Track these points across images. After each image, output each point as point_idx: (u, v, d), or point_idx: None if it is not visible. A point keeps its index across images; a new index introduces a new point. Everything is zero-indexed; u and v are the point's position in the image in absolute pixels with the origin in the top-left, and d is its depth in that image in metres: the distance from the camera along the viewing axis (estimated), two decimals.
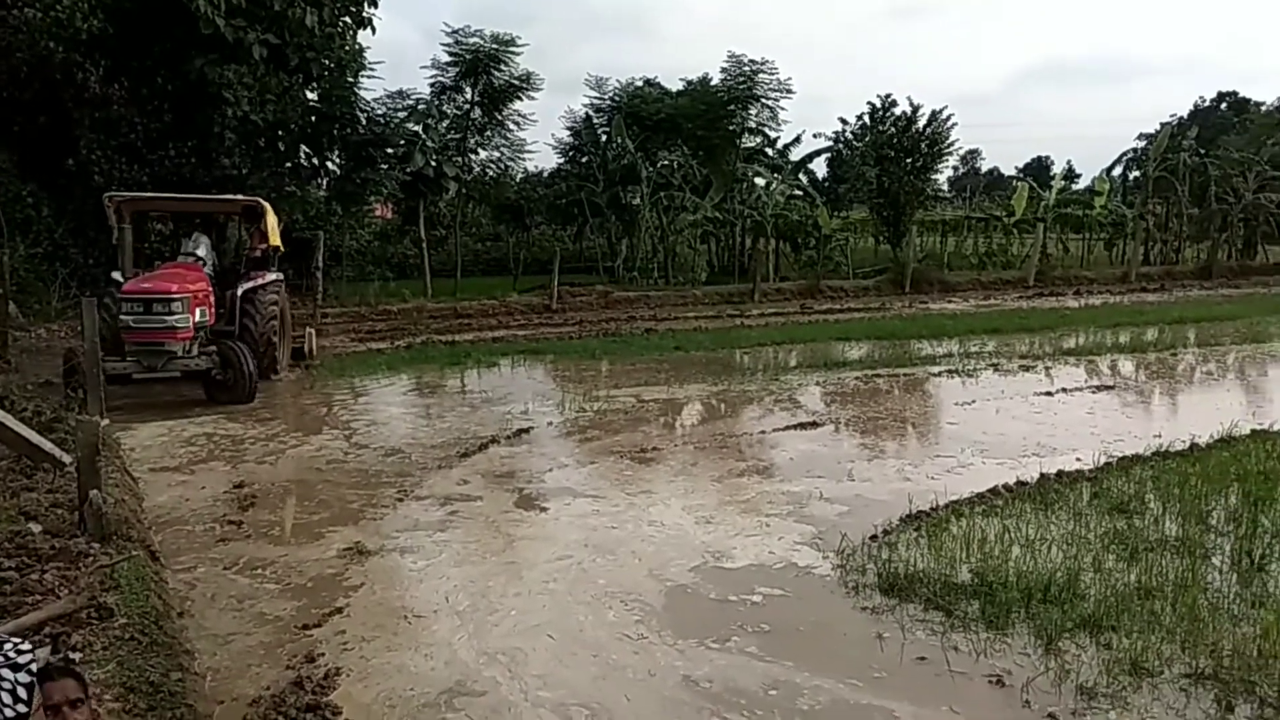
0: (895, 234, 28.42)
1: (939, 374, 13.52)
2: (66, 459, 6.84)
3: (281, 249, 13.58)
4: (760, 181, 28.09)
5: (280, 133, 20.03)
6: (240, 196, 14.03)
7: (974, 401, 11.48)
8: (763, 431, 10.08)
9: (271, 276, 12.84)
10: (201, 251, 12.42)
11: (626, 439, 9.67)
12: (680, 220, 24.88)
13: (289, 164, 20.87)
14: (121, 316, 10.83)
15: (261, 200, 13.05)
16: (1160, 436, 9.04)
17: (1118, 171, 38.41)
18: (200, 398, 11.27)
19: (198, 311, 11.33)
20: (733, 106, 26.19)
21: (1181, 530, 6.49)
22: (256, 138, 19.38)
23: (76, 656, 4.29)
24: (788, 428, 10.14)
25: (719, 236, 28.44)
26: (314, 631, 5.17)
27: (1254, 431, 9.29)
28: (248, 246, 13.15)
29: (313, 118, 20.62)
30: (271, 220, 13.02)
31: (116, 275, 11.89)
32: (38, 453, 6.88)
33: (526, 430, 9.99)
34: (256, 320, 12.16)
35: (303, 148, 21.05)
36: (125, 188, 17.40)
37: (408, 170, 21.66)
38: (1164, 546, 6.18)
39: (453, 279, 22.74)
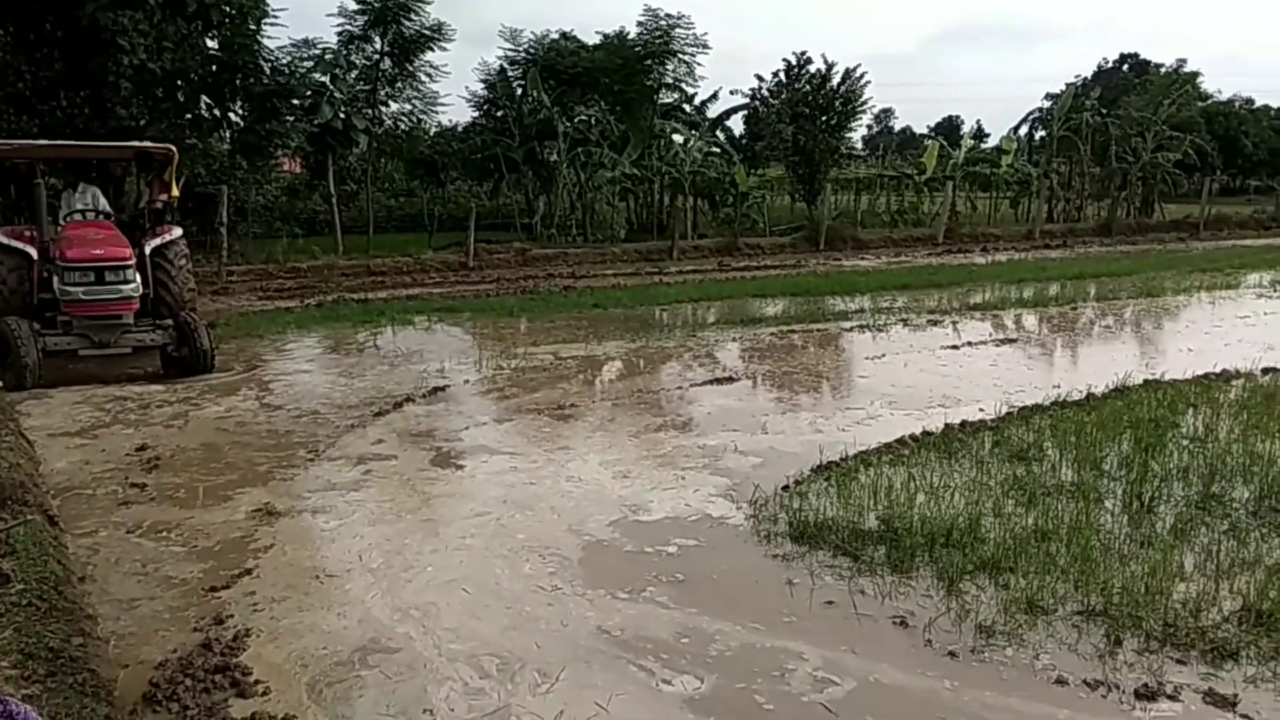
0: (810, 192, 28.77)
1: (851, 329, 13.78)
2: None
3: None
4: (678, 138, 28.04)
5: (179, 82, 19.21)
6: (148, 143, 13.02)
7: (884, 355, 11.76)
8: (680, 387, 10.17)
9: (177, 231, 11.73)
10: (99, 205, 11.45)
11: (544, 396, 9.65)
12: (598, 177, 24.72)
13: (189, 115, 20.05)
14: (68, 288, 9.95)
15: (172, 146, 12.05)
16: (1059, 387, 9.40)
17: (1024, 131, 39.52)
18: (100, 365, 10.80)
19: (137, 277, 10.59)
20: (649, 61, 26.02)
21: (1077, 475, 6.78)
22: (154, 87, 18.54)
23: None
24: (705, 383, 10.24)
25: (637, 194, 28.37)
26: (222, 594, 5.07)
27: (1146, 381, 9.71)
28: (148, 199, 11.92)
29: (213, 67, 19.81)
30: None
31: None
32: None
33: (443, 389, 9.89)
34: (172, 282, 11.17)
35: (203, 98, 20.22)
36: (14, 139, 16.52)
37: (315, 122, 21.02)
38: (1060, 491, 6.45)
39: (365, 236, 22.27)
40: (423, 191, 28.56)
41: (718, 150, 29.82)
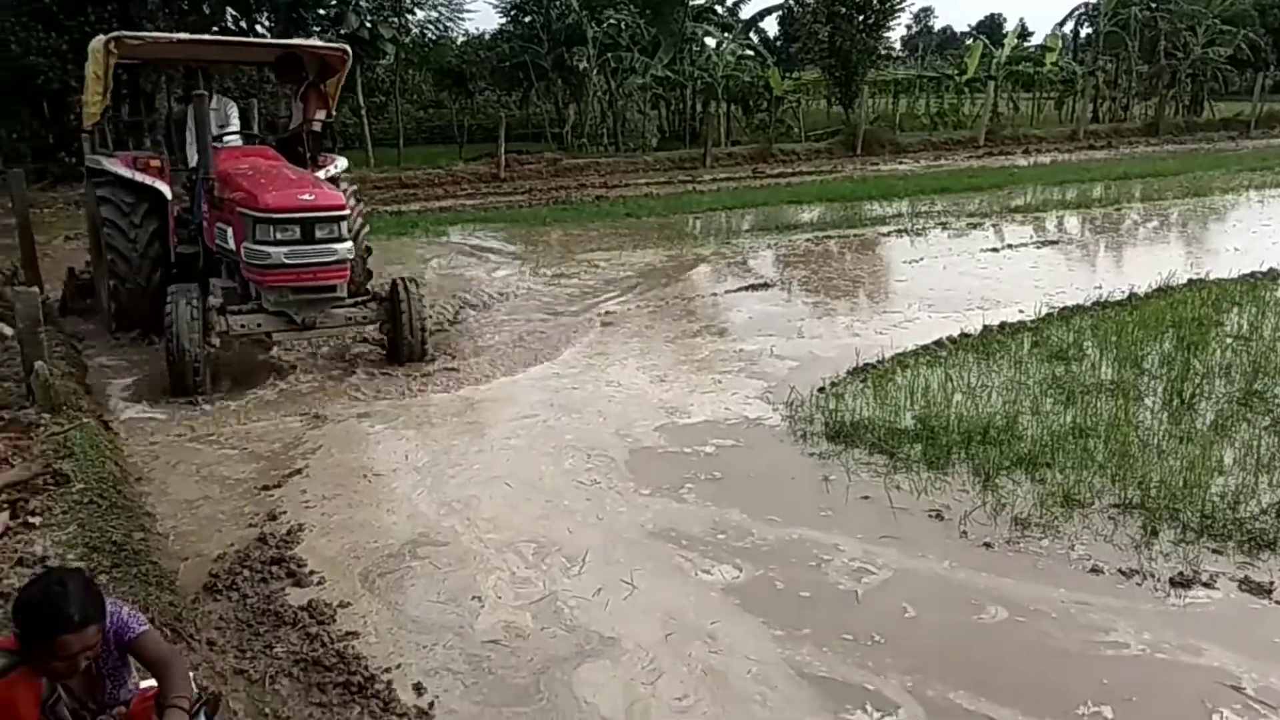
0: (847, 95, 28.03)
1: (888, 234, 13.60)
2: (8, 330, 6.74)
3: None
4: (710, 41, 27.30)
5: None
6: (318, 43, 10.42)
7: (922, 259, 11.63)
8: (715, 294, 10.15)
9: (342, 162, 9.02)
10: (239, 126, 8.90)
11: (582, 304, 9.68)
12: (629, 83, 24.25)
13: (215, 28, 19.85)
14: (262, 247, 6.80)
15: (347, 48, 8.85)
16: (1101, 288, 9.27)
17: (1069, 28, 37.94)
18: None
19: None
20: None
21: (1117, 374, 6.74)
22: (180, 1, 18.36)
23: (36, 521, 4.33)
24: (740, 289, 10.22)
25: (669, 100, 27.83)
26: (275, 492, 5.24)
27: (1191, 281, 9.55)
28: (301, 117, 8.79)
29: None
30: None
31: (107, 160, 8.11)
32: None
33: (480, 299, 9.94)
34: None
35: (229, 10, 19.99)
36: (44, 56, 16.49)
37: (341, 32, 20.70)
38: (1099, 390, 6.43)
39: (395, 148, 22.12)
40: (451, 102, 28.21)
41: (751, 53, 29.02)
